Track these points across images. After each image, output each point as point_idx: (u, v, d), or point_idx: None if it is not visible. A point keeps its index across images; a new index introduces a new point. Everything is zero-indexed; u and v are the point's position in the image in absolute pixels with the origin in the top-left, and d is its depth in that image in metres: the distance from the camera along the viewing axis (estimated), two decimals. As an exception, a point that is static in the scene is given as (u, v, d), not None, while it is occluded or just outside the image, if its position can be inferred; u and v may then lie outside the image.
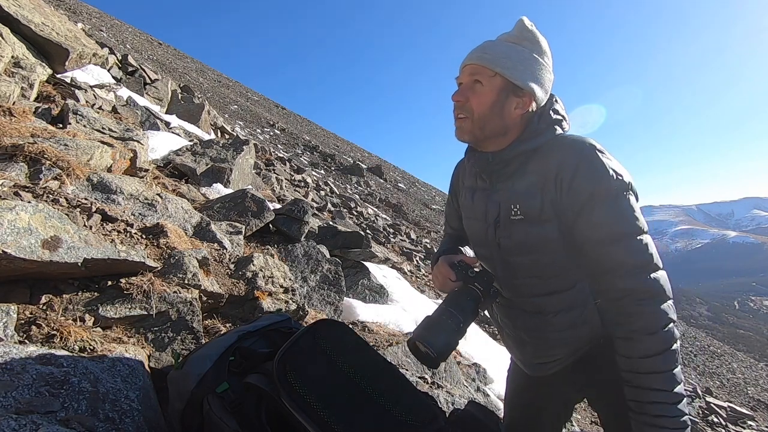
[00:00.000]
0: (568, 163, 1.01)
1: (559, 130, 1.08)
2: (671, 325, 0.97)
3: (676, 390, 0.97)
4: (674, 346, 0.97)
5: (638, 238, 0.98)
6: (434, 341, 1.05)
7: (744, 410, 9.44)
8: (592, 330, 1.14)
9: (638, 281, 0.97)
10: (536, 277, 1.13)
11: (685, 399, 0.99)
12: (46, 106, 2.57)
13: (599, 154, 1.01)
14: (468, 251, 1.41)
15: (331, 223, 5.27)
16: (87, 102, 3.33)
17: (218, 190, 3.32)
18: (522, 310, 1.19)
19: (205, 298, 1.72)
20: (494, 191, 1.15)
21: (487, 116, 1.07)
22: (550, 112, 1.09)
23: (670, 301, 0.99)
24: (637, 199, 1.02)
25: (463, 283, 1.15)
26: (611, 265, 1.00)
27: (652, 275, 0.98)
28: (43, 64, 3.24)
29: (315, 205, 7.28)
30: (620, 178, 0.99)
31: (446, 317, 1.08)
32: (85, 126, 2.50)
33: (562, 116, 1.11)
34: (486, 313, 1.43)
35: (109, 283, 1.45)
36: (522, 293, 1.17)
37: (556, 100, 1.13)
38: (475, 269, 1.17)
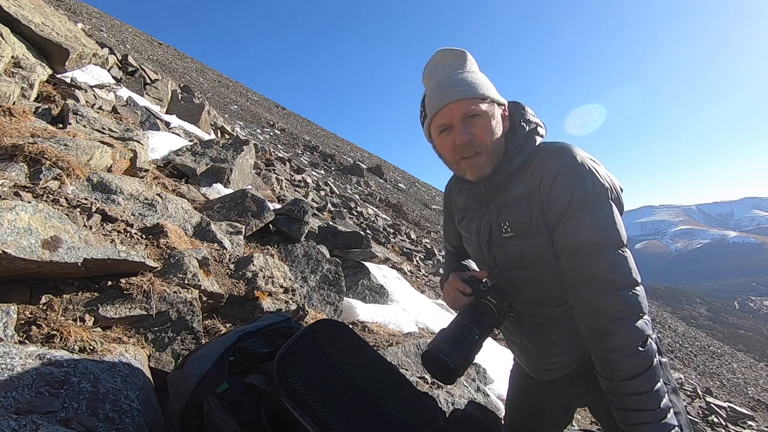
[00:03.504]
0: (548, 171, 1.00)
1: (539, 139, 1.07)
2: (649, 341, 0.94)
3: (661, 405, 0.95)
4: (654, 362, 0.94)
5: (616, 251, 0.94)
6: (452, 353, 1.02)
7: (744, 410, 9.44)
8: None
9: (613, 298, 0.94)
10: (538, 290, 1.11)
11: (671, 409, 0.96)
12: (46, 106, 2.57)
13: (580, 160, 0.98)
14: (473, 265, 1.40)
15: (331, 223, 5.27)
16: (87, 102, 3.32)
17: (218, 190, 3.32)
18: (529, 321, 1.18)
19: (205, 298, 1.72)
20: (486, 211, 1.14)
21: (498, 140, 1.05)
22: (523, 123, 1.08)
23: (647, 317, 0.96)
24: (620, 210, 0.99)
25: (476, 298, 1.14)
26: (584, 277, 0.96)
27: (628, 292, 0.94)
28: (43, 64, 3.24)
29: (315, 205, 7.28)
30: (602, 185, 0.97)
31: (462, 329, 1.06)
32: (85, 126, 2.50)
33: (536, 122, 1.10)
34: None
35: (109, 283, 1.45)
36: (528, 306, 1.16)
37: (524, 109, 1.12)
38: (488, 284, 1.16)
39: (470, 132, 1.03)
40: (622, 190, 1.04)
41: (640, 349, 0.93)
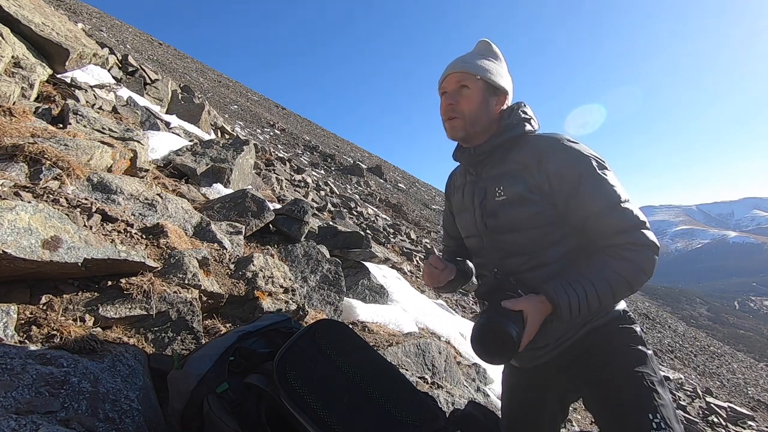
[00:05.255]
0: (549, 154, 1.17)
1: (529, 127, 1.26)
2: (647, 278, 1.12)
3: (600, 294, 1.07)
4: (633, 288, 1.10)
5: (626, 206, 1.12)
6: (513, 328, 1.01)
7: (744, 410, 9.44)
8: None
9: (635, 236, 1.11)
10: (521, 254, 1.23)
11: (591, 305, 1.07)
12: (47, 106, 2.57)
13: (573, 143, 1.18)
14: (468, 263, 1.50)
15: (331, 223, 5.27)
16: (87, 102, 3.32)
17: (218, 190, 3.32)
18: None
19: (205, 298, 1.72)
20: (480, 180, 1.31)
21: (477, 114, 1.26)
22: (519, 112, 1.29)
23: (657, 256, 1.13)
24: (612, 172, 1.19)
25: (504, 291, 1.15)
26: (613, 230, 1.12)
27: (645, 232, 1.11)
28: (44, 64, 3.24)
29: (315, 205, 7.28)
30: (597, 158, 1.16)
31: (512, 313, 1.06)
32: (85, 126, 2.50)
33: (530, 116, 1.29)
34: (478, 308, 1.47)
35: (109, 283, 1.45)
36: (507, 271, 1.25)
37: (524, 105, 1.32)
38: (515, 279, 1.19)
39: (456, 99, 1.26)
40: None
41: (645, 274, 1.10)
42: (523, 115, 1.28)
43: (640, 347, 1.20)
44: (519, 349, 1.03)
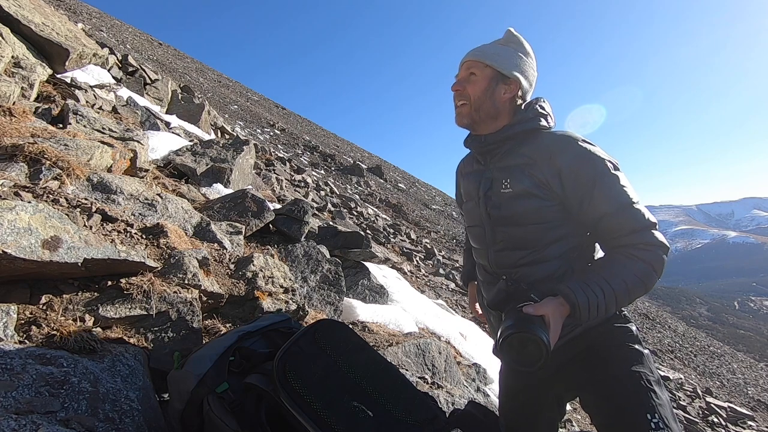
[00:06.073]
0: (562, 151, 1.17)
1: (544, 122, 1.26)
2: (658, 278, 1.12)
3: (617, 292, 1.07)
4: (647, 288, 1.11)
5: (638, 206, 1.14)
6: (544, 335, 0.96)
7: (744, 410, 9.43)
8: None
9: (648, 236, 1.12)
10: (521, 248, 1.24)
11: (609, 306, 1.07)
12: (46, 106, 2.57)
13: (588, 144, 1.19)
14: None
15: (331, 223, 5.27)
16: (87, 102, 3.32)
17: (218, 190, 3.32)
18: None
19: (205, 298, 1.72)
20: (487, 170, 1.32)
21: (481, 100, 1.27)
22: (537, 106, 1.28)
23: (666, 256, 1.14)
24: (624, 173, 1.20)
25: (521, 299, 1.11)
26: (627, 230, 1.13)
27: (655, 233, 1.12)
28: (44, 64, 3.23)
29: (315, 205, 7.27)
30: (610, 160, 1.17)
31: (534, 317, 1.02)
32: (85, 126, 2.50)
33: (547, 113, 1.29)
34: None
35: (109, 283, 1.45)
36: (506, 264, 1.26)
37: (543, 101, 1.31)
38: (524, 284, 1.18)
39: (463, 85, 1.30)
40: None
41: (656, 274, 1.10)
42: (540, 110, 1.27)
43: (636, 346, 1.20)
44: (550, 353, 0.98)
